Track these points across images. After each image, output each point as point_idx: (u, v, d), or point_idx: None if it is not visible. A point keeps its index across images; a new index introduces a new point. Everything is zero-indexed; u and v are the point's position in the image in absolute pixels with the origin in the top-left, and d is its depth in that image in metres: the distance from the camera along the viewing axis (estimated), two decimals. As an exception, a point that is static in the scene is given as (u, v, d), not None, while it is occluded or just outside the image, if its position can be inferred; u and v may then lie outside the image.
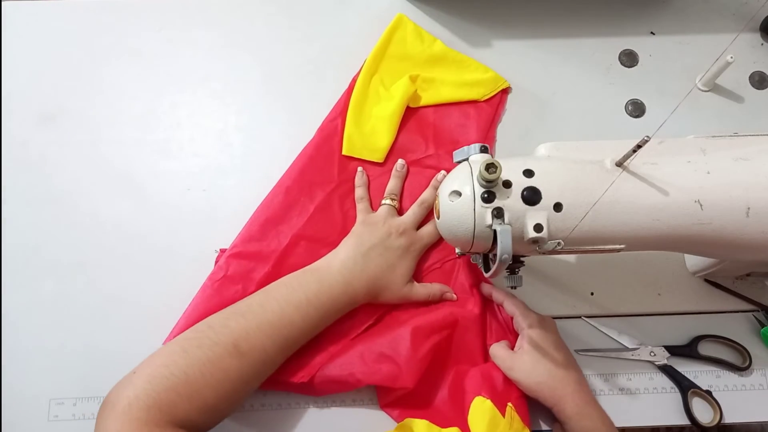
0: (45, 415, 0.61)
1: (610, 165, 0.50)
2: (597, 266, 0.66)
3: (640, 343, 0.63)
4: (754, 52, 0.74)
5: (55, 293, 0.65)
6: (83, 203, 0.68)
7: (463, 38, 0.74)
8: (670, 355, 0.62)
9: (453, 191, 0.50)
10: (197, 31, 0.75)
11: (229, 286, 0.61)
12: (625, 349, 0.63)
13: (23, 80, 0.73)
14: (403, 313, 0.63)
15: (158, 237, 0.67)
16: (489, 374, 0.59)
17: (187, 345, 0.52)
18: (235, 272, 0.62)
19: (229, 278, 0.62)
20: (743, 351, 0.62)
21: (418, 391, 0.59)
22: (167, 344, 0.53)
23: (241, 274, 0.62)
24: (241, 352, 0.52)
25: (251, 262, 0.63)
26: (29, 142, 0.70)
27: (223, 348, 0.52)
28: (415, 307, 0.63)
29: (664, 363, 0.62)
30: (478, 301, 0.63)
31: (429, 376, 0.60)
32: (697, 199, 0.49)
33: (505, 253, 0.47)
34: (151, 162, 0.69)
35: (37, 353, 0.63)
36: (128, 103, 0.72)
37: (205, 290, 0.62)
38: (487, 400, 0.57)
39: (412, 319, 0.61)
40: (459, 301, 0.63)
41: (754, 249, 0.51)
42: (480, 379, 0.59)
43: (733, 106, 0.72)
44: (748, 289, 0.65)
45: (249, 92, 0.72)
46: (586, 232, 0.49)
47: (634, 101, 0.72)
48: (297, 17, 0.76)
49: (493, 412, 0.56)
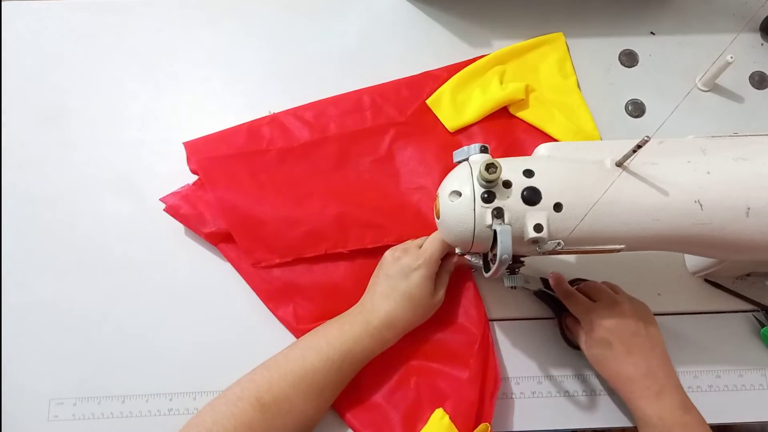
0: (45, 415, 0.61)
1: (610, 165, 0.50)
2: (597, 266, 0.66)
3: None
4: (754, 52, 0.74)
5: (55, 293, 0.65)
6: (83, 203, 0.68)
7: (463, 38, 0.74)
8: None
9: (453, 191, 0.50)
10: (197, 31, 0.75)
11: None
12: None
13: (23, 80, 0.73)
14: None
15: (158, 237, 0.67)
16: (459, 390, 0.59)
17: (216, 402, 0.54)
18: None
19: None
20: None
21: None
22: (205, 405, 0.55)
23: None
24: (264, 404, 0.53)
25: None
26: (29, 142, 0.70)
27: (246, 402, 0.53)
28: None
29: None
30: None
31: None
32: (697, 199, 0.49)
33: (505, 253, 0.47)
34: (151, 162, 0.69)
35: (37, 353, 0.63)
36: (128, 103, 0.72)
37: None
38: (446, 416, 0.57)
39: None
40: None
41: (754, 249, 0.51)
42: (448, 391, 0.60)
43: (733, 106, 0.72)
44: (748, 289, 0.65)
45: (249, 92, 0.72)
46: (586, 232, 0.49)
47: (634, 101, 0.72)
48: (297, 17, 0.76)
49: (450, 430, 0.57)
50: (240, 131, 0.68)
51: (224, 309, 0.65)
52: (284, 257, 0.64)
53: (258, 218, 0.64)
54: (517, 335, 0.64)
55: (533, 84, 0.71)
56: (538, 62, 0.73)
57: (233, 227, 0.64)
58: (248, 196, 0.65)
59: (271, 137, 0.68)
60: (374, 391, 0.60)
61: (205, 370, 0.63)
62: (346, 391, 0.59)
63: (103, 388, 0.62)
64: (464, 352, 0.61)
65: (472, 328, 0.62)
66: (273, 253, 0.64)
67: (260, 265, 0.64)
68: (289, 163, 0.68)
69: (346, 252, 0.64)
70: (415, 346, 0.62)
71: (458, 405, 0.58)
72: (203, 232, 0.65)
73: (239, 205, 0.64)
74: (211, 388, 0.62)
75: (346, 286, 0.64)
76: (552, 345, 0.63)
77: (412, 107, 0.70)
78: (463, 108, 0.70)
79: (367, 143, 0.69)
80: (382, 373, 0.61)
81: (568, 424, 0.62)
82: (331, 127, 0.69)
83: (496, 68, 0.72)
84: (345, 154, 0.68)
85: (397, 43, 0.74)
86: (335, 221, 0.64)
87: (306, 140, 0.68)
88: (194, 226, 0.65)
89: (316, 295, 0.64)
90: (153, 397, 0.62)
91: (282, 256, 0.64)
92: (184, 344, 0.63)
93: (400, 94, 0.71)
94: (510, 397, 0.62)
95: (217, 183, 0.65)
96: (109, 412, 0.61)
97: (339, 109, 0.70)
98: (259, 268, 0.64)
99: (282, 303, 0.63)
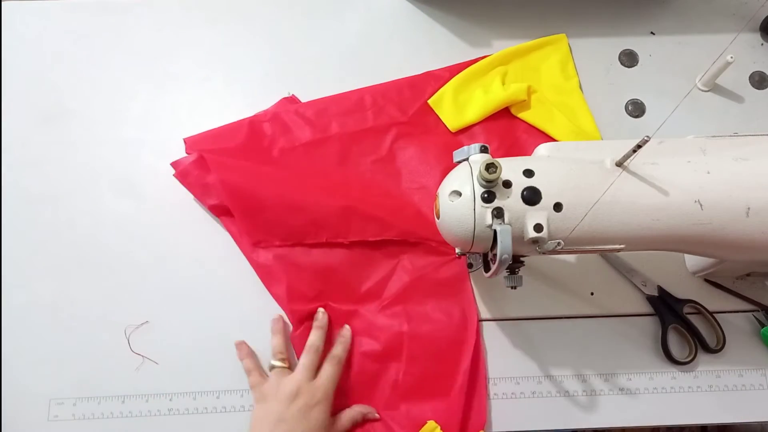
0: (45, 415, 0.61)
1: (610, 165, 0.50)
2: (597, 266, 0.66)
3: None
4: (754, 52, 0.74)
5: (55, 293, 0.65)
6: (83, 203, 0.68)
7: (463, 38, 0.74)
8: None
9: (453, 191, 0.50)
10: (197, 31, 0.75)
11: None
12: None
13: (23, 80, 0.73)
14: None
15: (158, 237, 0.67)
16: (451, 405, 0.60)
17: None
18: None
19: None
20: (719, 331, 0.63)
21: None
22: None
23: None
24: None
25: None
26: (29, 142, 0.70)
27: None
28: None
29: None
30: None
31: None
32: (697, 199, 0.49)
33: (505, 253, 0.47)
34: (151, 162, 0.69)
35: (37, 353, 0.63)
36: (128, 103, 0.72)
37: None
38: (438, 428, 0.58)
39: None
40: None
41: (754, 249, 0.51)
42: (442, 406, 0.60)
43: (733, 106, 0.72)
44: (748, 289, 0.65)
45: (249, 92, 0.72)
46: (586, 232, 0.49)
47: (634, 101, 0.72)
48: (297, 17, 0.76)
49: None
50: (241, 126, 0.68)
51: (224, 309, 0.65)
52: (285, 241, 0.65)
53: (261, 202, 0.64)
54: (516, 335, 0.64)
55: (535, 85, 0.71)
56: (541, 63, 0.73)
57: (236, 209, 0.64)
58: (252, 180, 0.65)
59: (273, 134, 0.68)
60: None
61: (205, 370, 0.63)
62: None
63: (103, 388, 0.62)
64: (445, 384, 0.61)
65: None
66: (274, 236, 0.65)
67: (260, 245, 0.65)
68: (291, 162, 0.68)
69: (346, 242, 0.65)
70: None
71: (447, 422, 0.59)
72: (207, 203, 0.66)
73: (243, 188, 0.64)
74: (211, 388, 0.62)
75: (341, 270, 0.64)
76: (552, 345, 0.63)
77: (414, 107, 0.70)
78: (465, 108, 0.70)
79: (368, 143, 0.69)
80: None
81: (568, 424, 0.62)
82: (332, 127, 0.69)
83: (498, 69, 0.72)
84: (346, 154, 0.68)
85: (397, 43, 0.74)
86: (338, 212, 0.64)
87: (307, 139, 0.68)
88: (200, 195, 0.66)
89: (311, 275, 0.64)
90: (153, 397, 0.62)
91: (283, 240, 0.65)
92: (185, 344, 0.63)
93: (401, 93, 0.71)
94: (510, 397, 0.62)
95: (221, 167, 0.65)
96: (109, 412, 0.61)
97: (340, 109, 0.70)
98: (259, 247, 0.65)
99: (276, 280, 0.64)
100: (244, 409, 0.61)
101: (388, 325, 0.63)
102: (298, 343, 0.61)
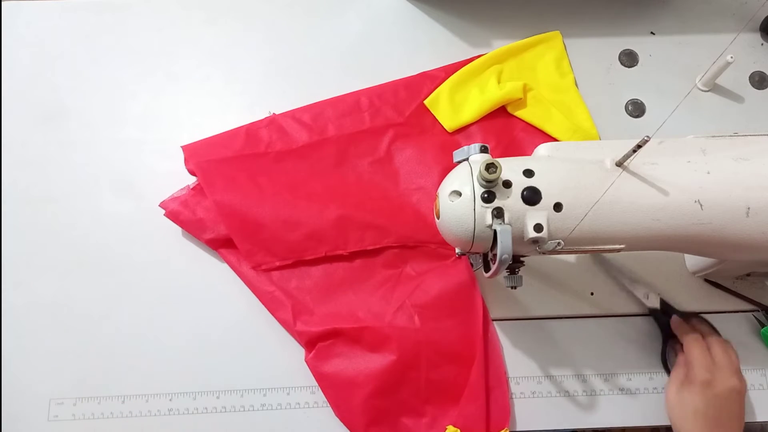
0: (45, 415, 0.61)
1: (610, 165, 0.50)
2: (597, 266, 0.66)
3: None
4: (754, 52, 0.74)
5: (55, 293, 0.65)
6: (83, 203, 0.68)
7: (463, 38, 0.74)
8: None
9: (453, 191, 0.50)
10: (197, 30, 0.75)
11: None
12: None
13: (23, 80, 0.73)
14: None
15: (158, 237, 0.67)
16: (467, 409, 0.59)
17: None
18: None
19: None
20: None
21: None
22: None
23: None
24: None
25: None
26: (29, 142, 0.70)
27: None
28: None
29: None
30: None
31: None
32: (697, 199, 0.49)
33: (505, 253, 0.47)
34: (151, 162, 0.69)
35: (37, 353, 0.63)
36: (128, 103, 0.72)
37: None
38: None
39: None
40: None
41: (754, 249, 0.51)
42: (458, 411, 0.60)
43: (733, 106, 0.72)
44: (748, 289, 0.65)
45: (249, 92, 0.72)
46: (586, 232, 0.49)
47: (634, 101, 0.72)
48: (297, 17, 0.75)
49: None
50: (238, 134, 0.68)
51: (224, 309, 0.65)
52: (284, 260, 0.64)
53: (257, 221, 0.64)
54: (517, 335, 0.64)
55: (531, 83, 0.71)
56: (535, 61, 0.73)
57: (233, 231, 0.64)
58: (247, 198, 0.65)
59: (270, 140, 0.68)
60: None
61: (205, 370, 0.63)
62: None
63: (103, 388, 0.62)
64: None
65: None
66: (273, 255, 0.64)
67: (260, 268, 0.64)
68: (288, 165, 0.68)
69: (346, 254, 0.64)
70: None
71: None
72: (203, 238, 0.65)
73: (238, 208, 0.64)
74: (211, 388, 0.62)
75: (344, 288, 0.64)
76: (552, 345, 0.63)
77: (410, 108, 0.70)
78: (461, 108, 0.70)
79: (365, 144, 0.69)
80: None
81: (568, 424, 0.62)
82: (329, 129, 0.69)
83: (494, 67, 0.72)
84: (343, 156, 0.68)
85: (397, 42, 0.74)
86: (335, 223, 0.64)
87: (304, 142, 0.68)
88: (194, 231, 0.65)
89: (315, 297, 0.64)
90: (153, 397, 0.62)
91: (282, 259, 0.64)
92: (184, 344, 0.63)
93: (398, 94, 0.71)
94: (510, 398, 0.62)
95: (216, 186, 0.65)
96: (109, 412, 0.61)
97: (337, 111, 0.70)
98: (260, 270, 0.64)
99: (281, 305, 0.63)
100: (244, 409, 0.61)
101: (400, 335, 0.61)
102: (313, 366, 0.61)
